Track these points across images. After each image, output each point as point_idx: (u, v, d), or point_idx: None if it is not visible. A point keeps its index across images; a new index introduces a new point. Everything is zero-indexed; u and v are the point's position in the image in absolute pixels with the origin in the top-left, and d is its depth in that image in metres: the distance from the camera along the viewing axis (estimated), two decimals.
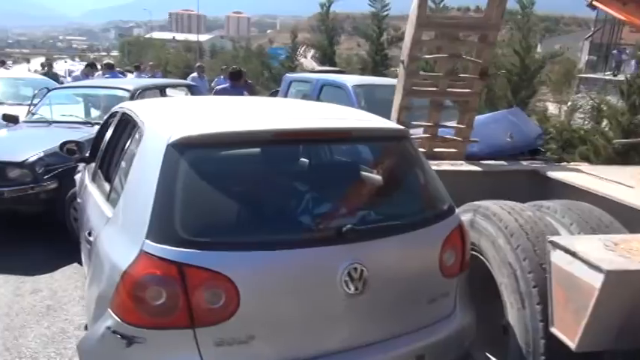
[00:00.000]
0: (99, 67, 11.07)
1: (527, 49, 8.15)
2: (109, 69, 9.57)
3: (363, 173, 2.34)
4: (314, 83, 6.02)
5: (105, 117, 3.49)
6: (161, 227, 1.71)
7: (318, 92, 5.86)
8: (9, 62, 22.66)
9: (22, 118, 5.90)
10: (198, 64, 12.09)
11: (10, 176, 4.51)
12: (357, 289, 1.83)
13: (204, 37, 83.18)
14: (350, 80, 5.63)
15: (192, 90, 7.06)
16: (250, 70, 21.14)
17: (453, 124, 4.02)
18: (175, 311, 1.66)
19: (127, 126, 2.65)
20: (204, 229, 1.78)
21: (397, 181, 2.34)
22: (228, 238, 1.78)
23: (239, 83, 6.66)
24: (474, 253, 2.44)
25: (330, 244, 1.84)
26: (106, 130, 3.35)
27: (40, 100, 6.06)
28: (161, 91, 6.39)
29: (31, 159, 4.51)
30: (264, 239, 1.80)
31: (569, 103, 10.95)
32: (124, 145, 2.47)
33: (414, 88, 3.88)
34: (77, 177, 4.16)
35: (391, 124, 2.66)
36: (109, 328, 1.72)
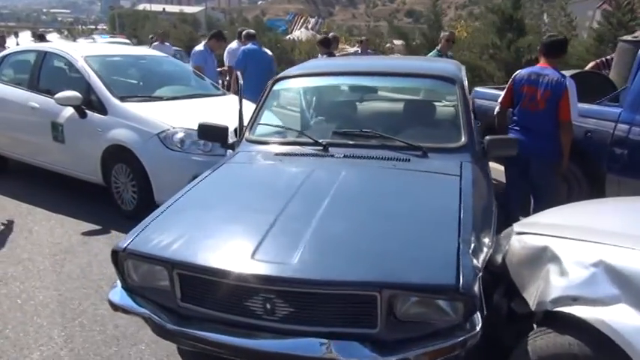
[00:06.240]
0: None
1: None
2: (251, 39, 6.40)
3: None
4: None
5: None
6: None
7: None
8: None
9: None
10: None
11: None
12: None
13: (194, 9, 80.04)
14: None
15: None
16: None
17: None
18: None
19: None
20: None
21: None
22: None
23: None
24: None
25: None
26: None
27: (266, 97, 3.18)
28: None
29: (469, 276, 1.73)
30: None
31: None
32: None
33: None
34: None
35: None
36: None
